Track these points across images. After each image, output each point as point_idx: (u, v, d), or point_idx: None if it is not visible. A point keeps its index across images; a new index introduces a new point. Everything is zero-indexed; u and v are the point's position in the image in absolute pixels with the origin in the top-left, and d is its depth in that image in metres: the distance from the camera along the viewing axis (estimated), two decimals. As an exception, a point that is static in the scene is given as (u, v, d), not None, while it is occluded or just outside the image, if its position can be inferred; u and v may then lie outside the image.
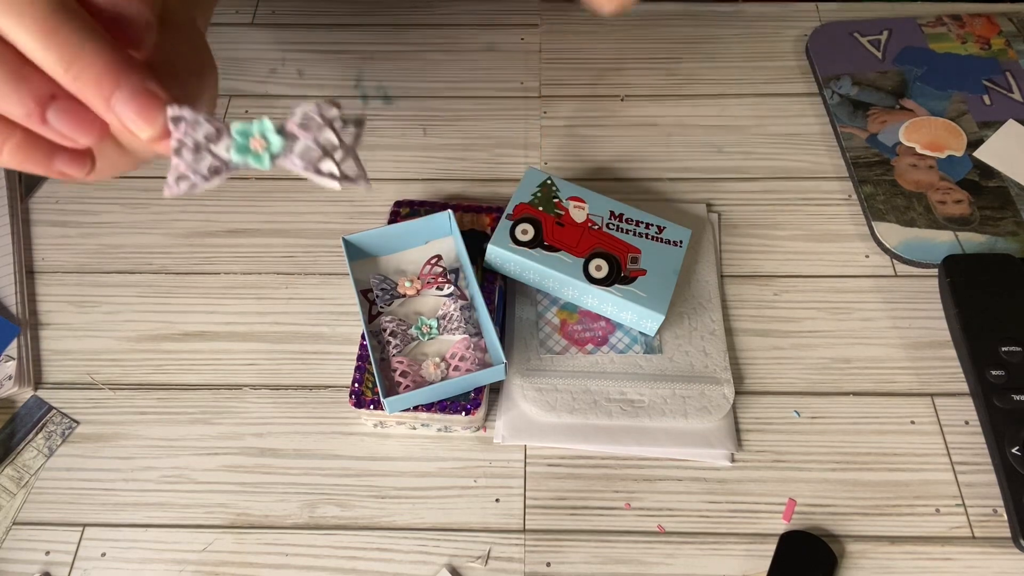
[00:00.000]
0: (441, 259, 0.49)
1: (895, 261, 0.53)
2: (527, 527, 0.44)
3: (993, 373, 0.45)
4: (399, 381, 0.45)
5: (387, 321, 0.46)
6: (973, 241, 0.51)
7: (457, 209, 0.51)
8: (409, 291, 0.48)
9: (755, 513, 0.44)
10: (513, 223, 0.49)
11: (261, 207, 0.56)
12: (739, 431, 0.47)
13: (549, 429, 0.46)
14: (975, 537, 0.43)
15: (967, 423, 0.46)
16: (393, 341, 0.46)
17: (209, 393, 0.49)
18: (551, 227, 0.49)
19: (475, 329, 0.47)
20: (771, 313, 0.51)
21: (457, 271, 0.49)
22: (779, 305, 0.51)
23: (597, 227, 0.49)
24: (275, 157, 0.28)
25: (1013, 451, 0.43)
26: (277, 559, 0.43)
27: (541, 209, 0.49)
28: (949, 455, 0.45)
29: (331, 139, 0.28)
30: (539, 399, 0.46)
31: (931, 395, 0.47)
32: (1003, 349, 0.46)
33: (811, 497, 0.44)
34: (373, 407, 0.44)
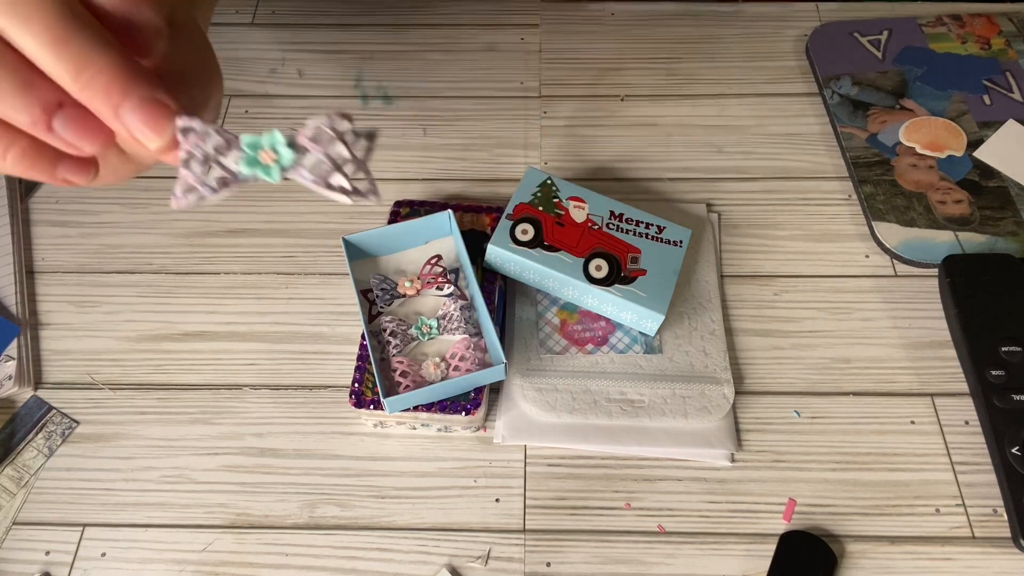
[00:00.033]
0: (441, 259, 0.49)
1: (895, 261, 0.53)
2: (527, 527, 0.44)
3: (993, 373, 0.45)
4: (399, 381, 0.45)
5: (387, 321, 0.46)
6: (973, 241, 0.51)
7: (457, 209, 0.51)
8: (409, 291, 0.48)
9: (755, 513, 0.44)
10: (513, 223, 0.48)
11: (261, 207, 0.56)
12: (739, 431, 0.47)
13: (549, 429, 0.46)
14: (975, 537, 0.43)
15: (967, 423, 0.46)
16: (393, 341, 0.46)
17: (209, 393, 0.49)
18: (551, 227, 0.49)
19: (475, 329, 0.47)
20: (771, 313, 0.51)
21: (457, 271, 0.49)
22: (779, 305, 0.51)
23: (597, 227, 0.49)
24: (285, 170, 0.27)
25: (1013, 451, 0.43)
26: (277, 559, 0.43)
27: (541, 209, 0.49)
28: (949, 455, 0.45)
29: (342, 153, 0.27)
30: (539, 399, 0.46)
31: (931, 395, 0.47)
32: (1003, 349, 0.46)
33: (811, 497, 0.44)
34: (373, 407, 0.44)
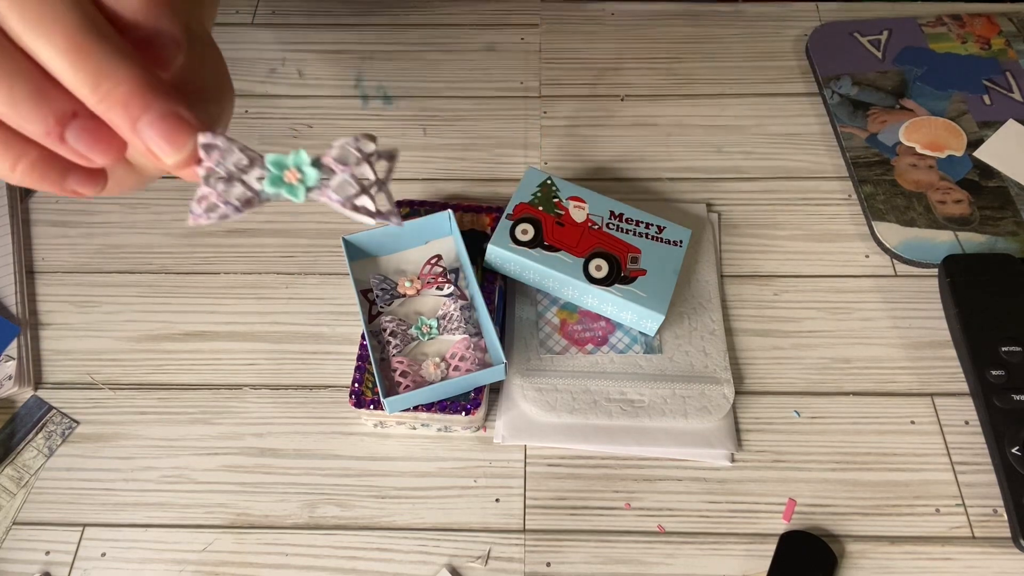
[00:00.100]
0: (441, 259, 0.49)
1: (895, 261, 0.53)
2: (527, 527, 0.44)
3: (993, 373, 0.45)
4: (399, 381, 0.45)
5: (387, 321, 0.46)
6: (973, 241, 0.51)
7: (457, 209, 0.51)
8: (409, 291, 0.48)
9: (755, 513, 0.44)
10: (513, 223, 0.48)
11: (261, 207, 0.56)
12: (739, 431, 0.47)
13: (549, 429, 0.46)
14: (975, 537, 0.43)
15: (967, 423, 0.46)
16: (393, 341, 0.46)
17: (209, 393, 0.49)
18: (551, 227, 0.49)
19: (475, 329, 0.47)
20: (771, 313, 0.51)
21: (457, 271, 0.49)
22: (779, 305, 0.51)
23: (597, 227, 0.49)
24: (310, 190, 0.27)
25: (1013, 451, 0.43)
26: (277, 559, 0.43)
27: (541, 209, 0.49)
28: (949, 455, 0.45)
29: (367, 174, 0.27)
30: (539, 399, 0.46)
31: (931, 395, 0.47)
32: (1003, 349, 0.46)
33: (811, 497, 0.44)
34: (373, 407, 0.44)
